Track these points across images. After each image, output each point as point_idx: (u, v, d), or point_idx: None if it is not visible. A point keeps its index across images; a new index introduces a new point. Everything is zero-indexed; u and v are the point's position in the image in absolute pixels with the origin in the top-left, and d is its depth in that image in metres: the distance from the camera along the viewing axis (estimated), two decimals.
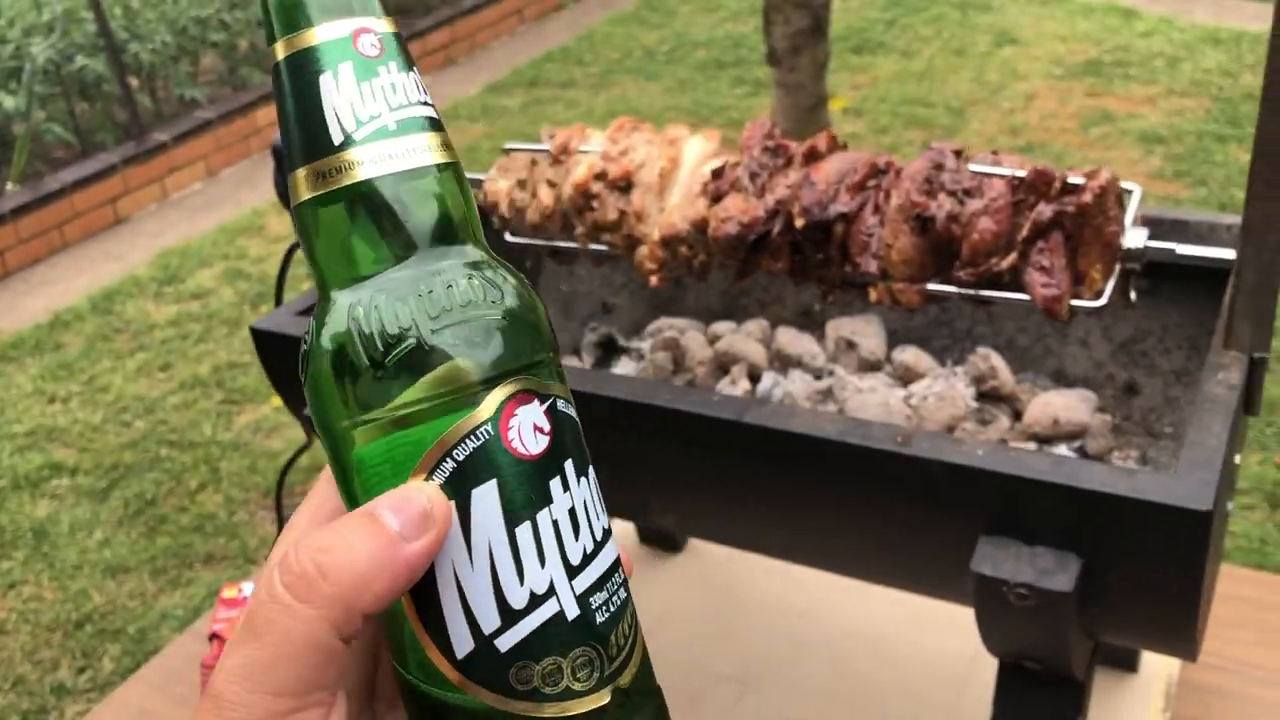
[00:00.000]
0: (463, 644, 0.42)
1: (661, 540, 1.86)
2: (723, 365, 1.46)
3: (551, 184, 1.23)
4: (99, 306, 4.78)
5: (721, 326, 1.56)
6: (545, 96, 6.61)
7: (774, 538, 1.13)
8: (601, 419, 1.09)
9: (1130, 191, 1.01)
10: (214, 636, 1.55)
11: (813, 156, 1.11)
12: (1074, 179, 0.95)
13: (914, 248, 1.02)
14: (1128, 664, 1.48)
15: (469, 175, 1.48)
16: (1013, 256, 0.99)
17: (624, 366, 1.53)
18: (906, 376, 1.40)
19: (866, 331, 1.46)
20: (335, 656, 0.40)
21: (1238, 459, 0.97)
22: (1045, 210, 0.96)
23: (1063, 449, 1.23)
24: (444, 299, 0.43)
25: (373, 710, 0.47)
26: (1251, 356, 0.95)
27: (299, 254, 1.56)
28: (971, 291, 1.03)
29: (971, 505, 0.91)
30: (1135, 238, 0.98)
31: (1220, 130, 5.04)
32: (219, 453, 3.74)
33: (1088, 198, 0.95)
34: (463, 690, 0.42)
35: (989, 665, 1.57)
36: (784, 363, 1.44)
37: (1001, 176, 0.98)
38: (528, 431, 0.42)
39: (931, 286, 1.05)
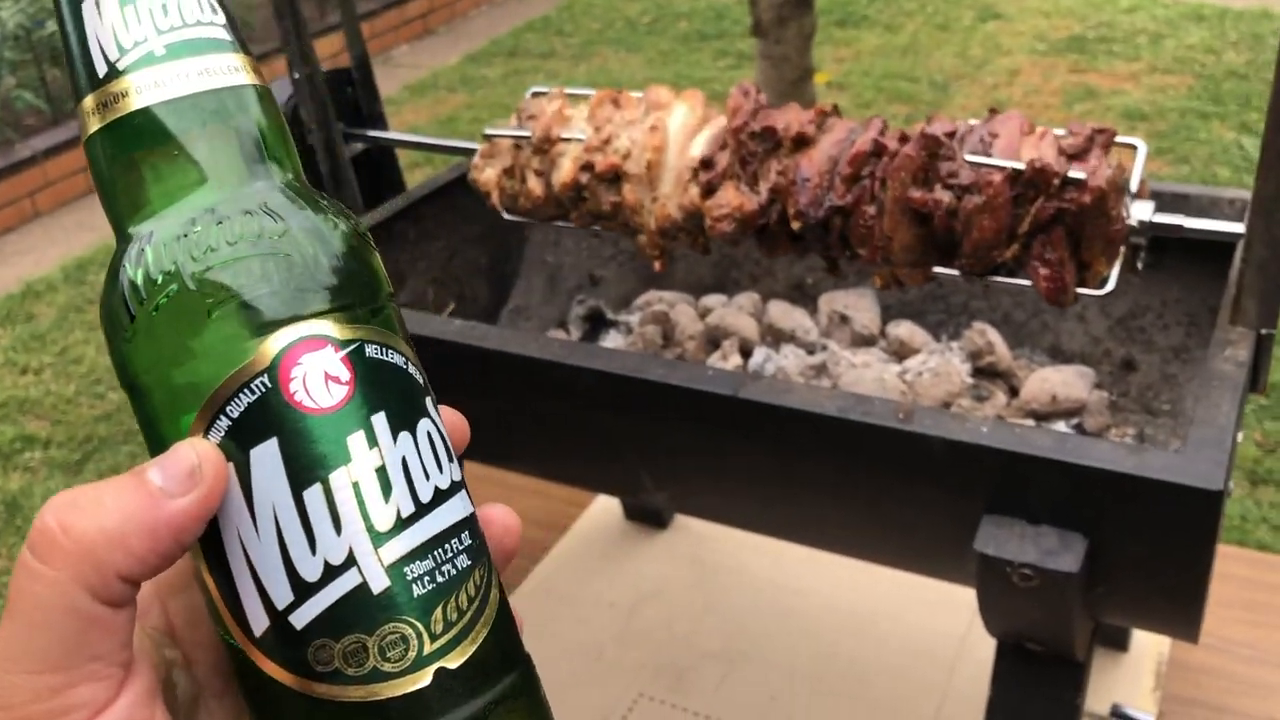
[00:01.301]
0: (258, 620, 0.38)
1: (648, 516, 1.84)
2: (713, 339, 1.43)
3: (539, 173, 1.20)
4: (72, 277, 4.70)
5: (712, 300, 1.53)
6: (525, 67, 6.53)
7: (770, 516, 1.11)
8: (592, 393, 1.07)
9: (1135, 147, 0.99)
10: None
11: (801, 143, 1.08)
12: (1075, 174, 0.92)
13: (915, 238, 1.00)
14: (1118, 643, 1.47)
15: (453, 142, 1.44)
16: (1014, 248, 0.97)
17: (612, 340, 1.50)
18: (901, 352, 1.37)
19: (860, 305, 1.44)
20: (99, 622, 0.35)
21: (1240, 436, 0.95)
22: (1046, 207, 0.94)
23: (1060, 426, 1.22)
24: (213, 236, 0.38)
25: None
26: (1259, 332, 0.93)
27: None
28: (975, 276, 1.00)
29: (974, 483, 0.89)
30: (1141, 210, 0.96)
31: (1203, 108, 5.04)
32: None
33: (1087, 199, 0.93)
34: (264, 670, 0.38)
35: (979, 645, 1.56)
36: (776, 337, 1.42)
37: (999, 169, 0.95)
38: (316, 381, 0.38)
39: (935, 269, 1.03)
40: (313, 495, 0.38)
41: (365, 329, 0.40)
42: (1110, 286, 0.96)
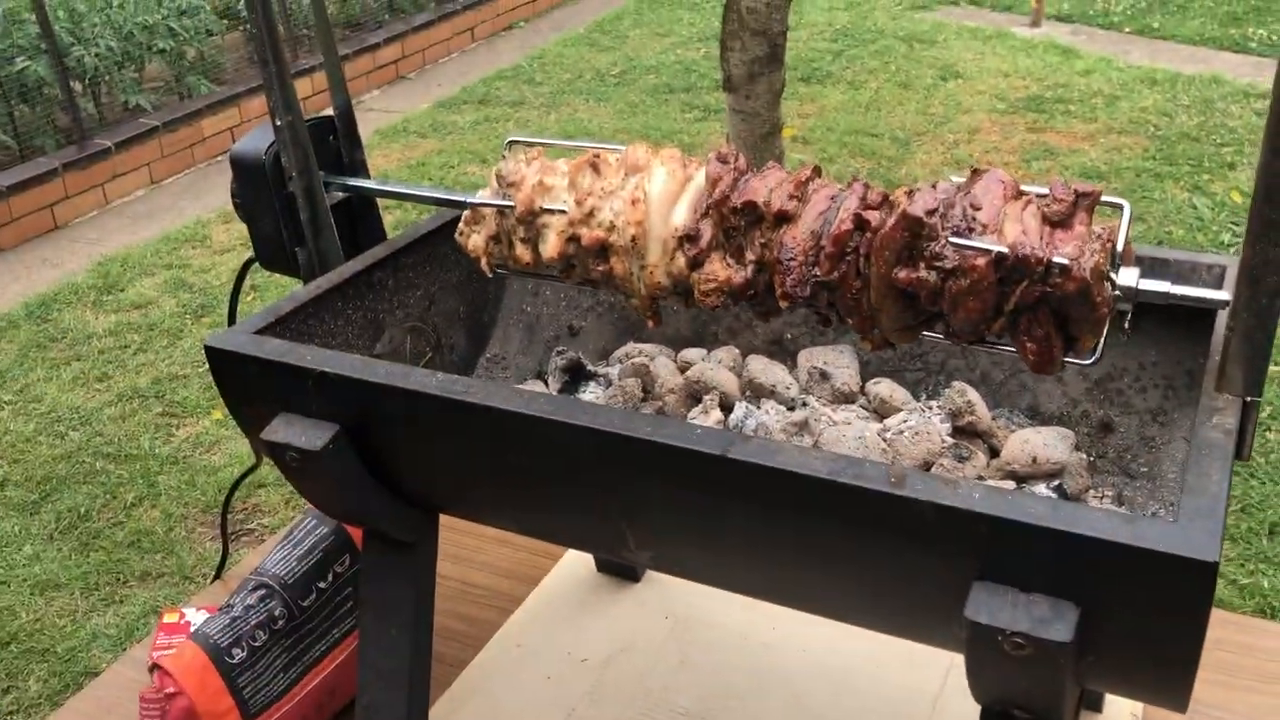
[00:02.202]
0: None
1: (620, 569, 1.82)
2: (694, 394, 1.43)
3: (525, 240, 1.21)
4: (34, 314, 4.63)
5: (691, 353, 1.53)
6: (496, 114, 6.56)
7: (755, 578, 1.10)
8: (576, 450, 1.05)
9: (1120, 206, 0.99)
10: (155, 667, 1.47)
11: (783, 219, 1.08)
12: (1059, 259, 0.94)
13: (901, 310, 1.01)
14: (1093, 704, 1.47)
15: (435, 193, 1.43)
16: (1001, 322, 0.98)
17: (592, 392, 1.49)
18: (882, 410, 1.38)
19: (839, 362, 1.44)
20: None
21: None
22: (1031, 290, 0.95)
23: (1041, 487, 1.22)
24: None
25: None
26: (1244, 400, 0.94)
27: (255, 268, 1.50)
28: (963, 343, 1.01)
29: (965, 549, 0.88)
30: (1128, 277, 0.97)
31: (1157, 168, 5.16)
32: (157, 466, 3.64)
33: (1072, 287, 0.94)
34: None
35: (953, 702, 1.55)
36: (756, 392, 1.42)
37: (984, 251, 0.96)
38: None
39: (925, 334, 1.03)
40: None
41: None
42: (1097, 356, 0.97)
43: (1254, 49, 6.61)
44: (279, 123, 1.34)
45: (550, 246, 1.19)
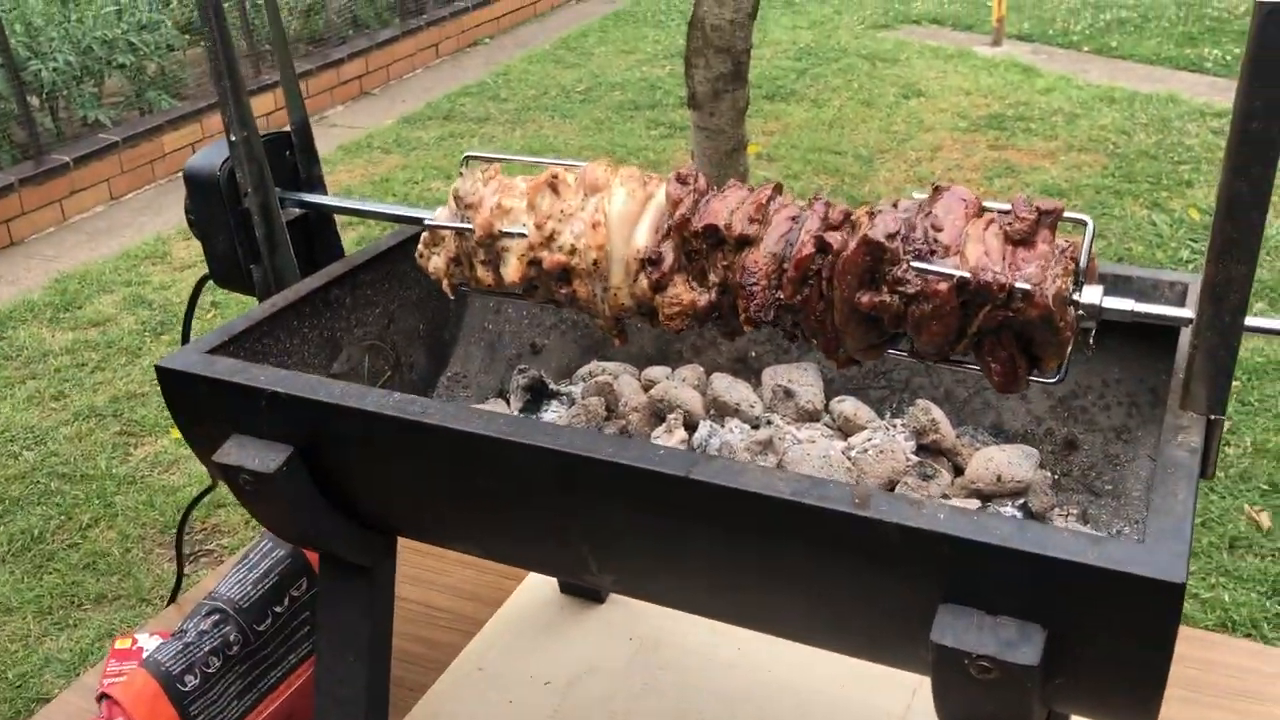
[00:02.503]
0: None
1: (584, 590, 1.80)
2: (657, 412, 1.41)
3: (486, 262, 1.19)
4: None
5: (655, 371, 1.51)
6: (460, 130, 6.54)
7: (720, 601, 1.08)
8: (537, 472, 1.03)
9: (1085, 223, 0.99)
10: (103, 696, 1.43)
11: (745, 242, 1.07)
12: (1021, 285, 0.93)
13: (866, 331, 1.00)
14: None
15: (393, 209, 1.41)
16: (965, 343, 0.97)
17: (554, 411, 1.47)
18: (846, 428, 1.37)
19: (803, 380, 1.43)
20: None
21: None
22: (993, 315, 0.95)
23: (1007, 505, 1.21)
24: None
25: None
26: (1209, 418, 0.93)
27: (209, 286, 1.47)
28: (928, 362, 1.00)
29: (930, 571, 0.87)
30: (1092, 294, 0.96)
31: (1117, 185, 5.22)
32: (114, 487, 3.57)
33: (1034, 314, 0.93)
34: None
35: None
36: (720, 411, 1.40)
37: (946, 276, 0.95)
38: None
39: (890, 351, 1.02)
40: None
41: None
42: (1062, 375, 0.97)
43: (1209, 69, 6.72)
44: (234, 138, 1.31)
45: (511, 270, 1.18)
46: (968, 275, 0.93)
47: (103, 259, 5.23)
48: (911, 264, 0.96)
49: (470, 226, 1.18)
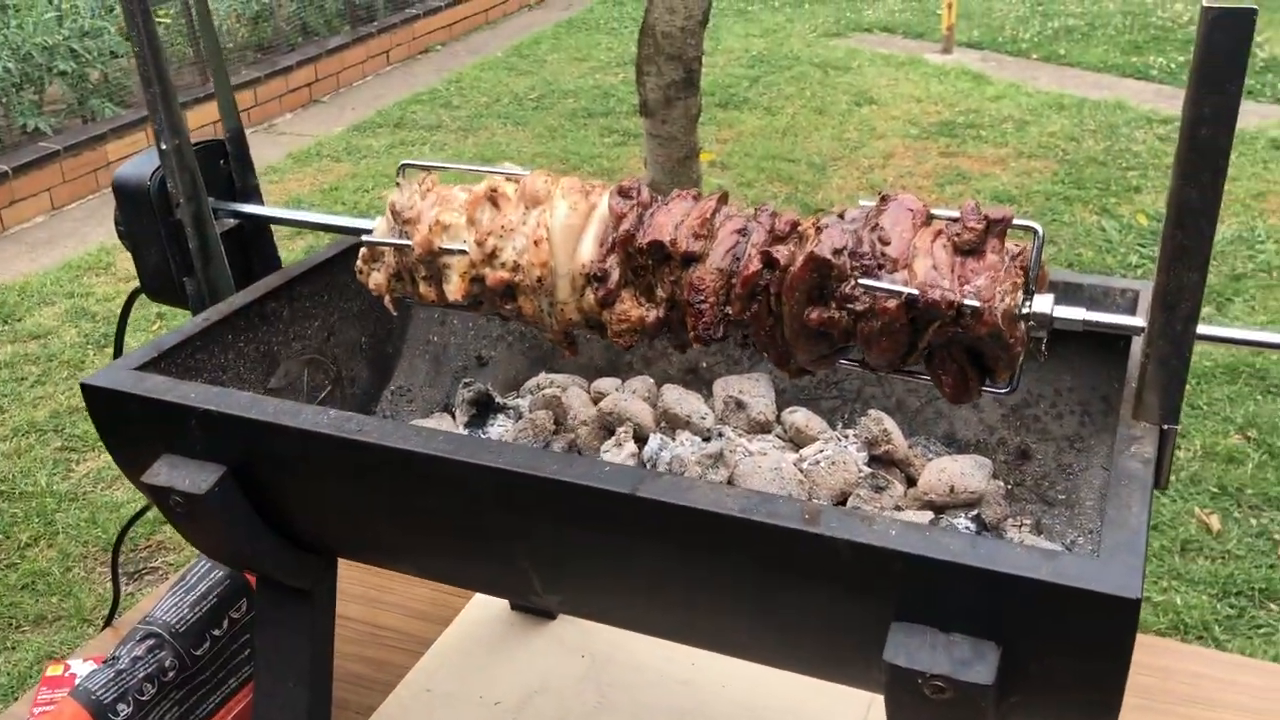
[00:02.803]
0: None
1: (535, 607, 1.76)
2: (607, 426, 1.38)
3: (428, 279, 1.15)
4: None
5: (605, 383, 1.48)
6: (412, 139, 6.48)
7: (669, 620, 1.06)
8: (479, 491, 1.00)
9: (1034, 230, 0.97)
10: None
11: (691, 259, 1.05)
12: (970, 302, 0.92)
13: (816, 344, 0.99)
14: None
15: (331, 219, 1.37)
16: (916, 355, 0.96)
17: (501, 425, 1.43)
18: (798, 439, 1.34)
19: (755, 391, 1.40)
20: None
21: None
22: (943, 331, 0.93)
23: (960, 517, 1.19)
24: None
25: None
26: (1162, 428, 0.92)
27: (141, 299, 1.42)
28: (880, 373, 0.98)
29: (882, 588, 0.85)
30: (1042, 304, 0.95)
31: (1066, 192, 5.27)
32: (55, 504, 3.48)
33: (983, 331, 0.92)
34: None
35: None
36: (671, 423, 1.37)
37: (894, 293, 0.93)
38: None
39: (841, 362, 1.00)
40: None
41: None
42: (1013, 386, 0.95)
43: (1155, 76, 6.82)
44: (164, 146, 1.27)
45: (454, 288, 1.14)
46: (916, 292, 0.91)
47: (43, 270, 5.12)
48: (859, 281, 0.94)
49: (409, 243, 1.15)
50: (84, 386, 1.14)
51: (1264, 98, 6.34)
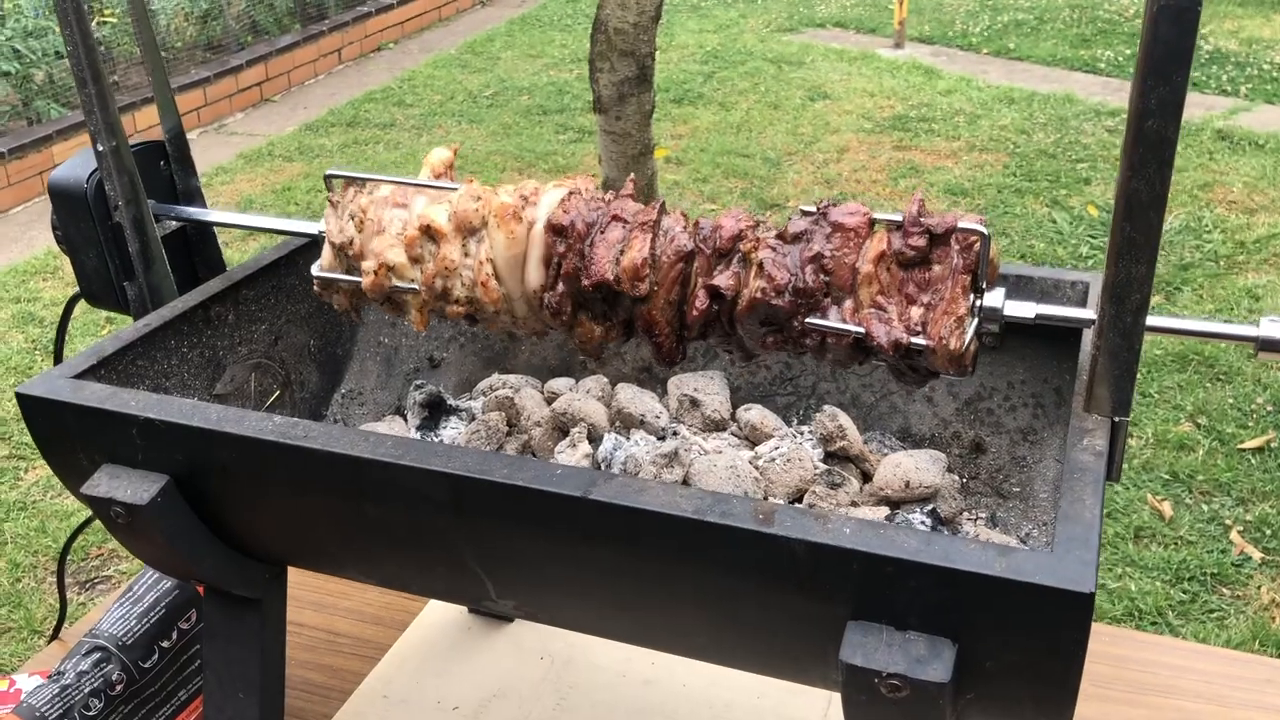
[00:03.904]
0: None
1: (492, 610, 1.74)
2: (561, 426, 1.37)
3: (387, 304, 1.15)
4: None
5: (559, 383, 1.47)
6: (365, 137, 6.41)
7: (625, 623, 1.04)
8: (428, 496, 0.98)
9: (986, 236, 0.97)
10: None
11: (639, 299, 1.05)
12: (918, 342, 0.94)
13: (777, 349, 1.00)
14: None
15: (274, 223, 1.34)
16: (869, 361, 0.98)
17: (453, 428, 1.41)
18: (753, 437, 1.34)
19: (709, 389, 1.39)
20: None
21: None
22: (894, 359, 0.95)
23: (915, 512, 1.19)
24: None
25: None
26: (1113, 420, 0.92)
27: (81, 306, 1.39)
28: None
29: (838, 587, 0.84)
30: (993, 298, 0.95)
31: (1018, 184, 5.32)
32: (3, 513, 3.42)
33: (932, 362, 0.95)
34: None
35: None
36: (626, 423, 1.36)
37: (841, 333, 0.95)
38: None
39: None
40: None
41: None
42: (970, 371, 0.95)
43: (1103, 69, 6.90)
44: (101, 148, 1.23)
45: (415, 320, 1.16)
46: (862, 332, 0.93)
47: None
48: (806, 320, 0.95)
49: (358, 279, 1.14)
50: (19, 395, 1.10)
51: (1209, 89, 6.43)
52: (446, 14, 8.94)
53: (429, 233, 1.10)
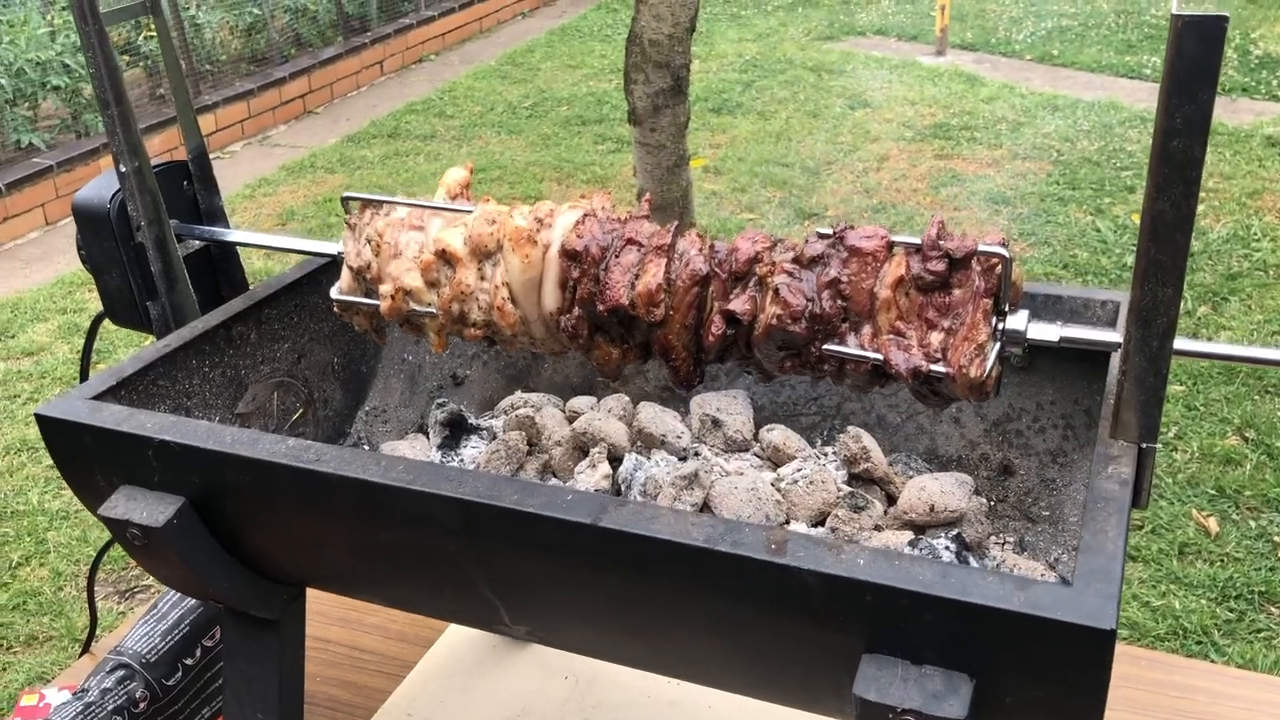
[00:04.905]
0: None
1: None
2: (581, 446, 1.35)
3: (407, 325, 1.15)
4: None
5: (580, 402, 1.45)
6: (406, 149, 6.45)
7: (638, 650, 1.03)
8: (441, 520, 0.97)
9: (1008, 259, 0.94)
10: None
11: (655, 325, 1.03)
12: (937, 369, 0.93)
13: (796, 371, 0.98)
14: None
15: (297, 243, 1.34)
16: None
17: (474, 447, 1.40)
18: (775, 458, 1.31)
19: (732, 408, 1.37)
20: None
21: None
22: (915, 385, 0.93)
23: (941, 537, 1.16)
24: None
25: None
26: (1140, 446, 0.89)
27: (106, 325, 1.40)
28: None
29: (852, 619, 0.82)
30: (1017, 321, 0.92)
31: (1061, 193, 5.24)
32: (46, 523, 3.45)
33: (953, 387, 0.93)
34: None
35: None
36: (647, 443, 1.35)
37: (859, 359, 0.93)
38: None
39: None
40: None
41: None
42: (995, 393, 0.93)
43: (1149, 75, 6.79)
44: (124, 169, 1.24)
45: (434, 342, 1.16)
46: (880, 359, 0.91)
47: (36, 286, 5.10)
48: (824, 347, 0.93)
49: (376, 303, 1.14)
50: (38, 417, 1.11)
51: (1259, 95, 6.31)
52: (487, 25, 9.00)
53: (445, 257, 1.09)
